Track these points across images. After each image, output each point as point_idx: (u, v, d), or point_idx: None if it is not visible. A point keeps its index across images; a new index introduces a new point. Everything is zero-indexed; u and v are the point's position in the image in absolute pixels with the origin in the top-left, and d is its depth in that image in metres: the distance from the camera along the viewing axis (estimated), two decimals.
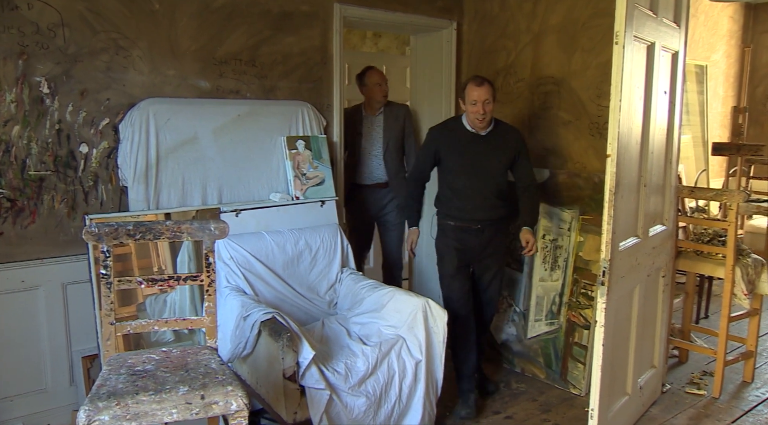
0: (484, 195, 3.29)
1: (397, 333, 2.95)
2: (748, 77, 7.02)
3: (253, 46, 3.45)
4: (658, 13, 2.93)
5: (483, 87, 3.15)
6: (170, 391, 1.82)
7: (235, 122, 3.37)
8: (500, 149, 3.28)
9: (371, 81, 4.02)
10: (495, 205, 3.31)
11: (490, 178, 3.29)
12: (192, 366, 2.02)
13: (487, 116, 3.19)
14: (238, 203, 3.33)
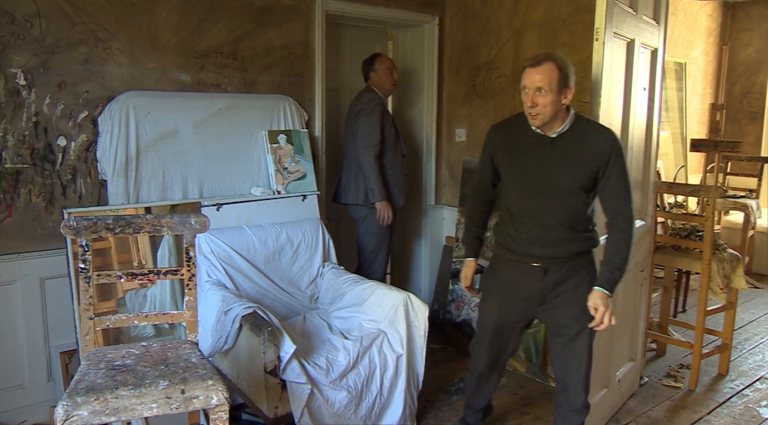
0: (545, 222, 2.43)
1: (378, 328, 2.95)
2: (726, 75, 7.11)
3: (235, 40, 3.43)
4: (638, 11, 2.97)
5: (537, 67, 2.31)
6: (150, 386, 1.81)
7: (216, 116, 3.35)
8: (574, 159, 2.36)
9: (383, 67, 3.85)
10: (564, 238, 2.44)
11: (555, 198, 2.40)
12: (172, 360, 2.01)
13: (541, 112, 2.31)
14: (219, 198, 3.31)
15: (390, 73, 3.85)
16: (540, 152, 2.41)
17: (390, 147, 3.82)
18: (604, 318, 2.38)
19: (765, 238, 5.96)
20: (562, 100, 2.32)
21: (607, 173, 2.35)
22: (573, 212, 2.42)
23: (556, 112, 2.33)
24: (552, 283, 2.49)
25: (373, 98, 3.76)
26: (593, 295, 2.39)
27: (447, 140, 4.56)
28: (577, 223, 2.44)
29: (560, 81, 2.29)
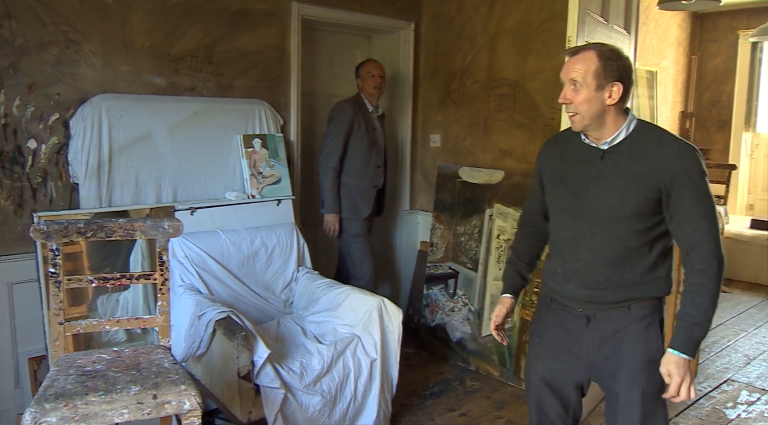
0: (584, 255, 1.96)
1: (352, 332, 2.96)
2: (695, 84, 7.26)
3: (210, 44, 3.42)
4: (609, 20, 3.02)
5: (574, 57, 1.88)
6: (121, 391, 1.79)
7: (191, 120, 3.33)
8: (627, 176, 1.86)
9: (364, 70, 3.84)
10: (607, 278, 1.93)
11: (599, 225, 1.92)
12: (144, 365, 2.00)
13: (577, 111, 1.87)
14: (193, 202, 3.29)
15: (370, 77, 3.81)
16: (588, 167, 1.93)
17: (360, 156, 3.78)
18: (681, 390, 1.83)
19: (733, 243, 6.09)
20: (606, 99, 1.84)
21: (675, 195, 1.82)
22: (621, 244, 1.89)
23: (598, 113, 1.86)
24: (598, 336, 1.96)
25: (343, 106, 3.75)
26: (666, 359, 1.85)
27: (422, 146, 4.59)
28: (627, 259, 1.90)
29: (600, 74, 1.82)
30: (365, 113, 3.81)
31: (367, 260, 3.88)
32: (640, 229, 1.88)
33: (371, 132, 3.82)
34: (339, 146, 3.69)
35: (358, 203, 3.81)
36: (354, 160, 3.77)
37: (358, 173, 3.78)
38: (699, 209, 1.82)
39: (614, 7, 3.08)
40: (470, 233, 3.98)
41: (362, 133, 3.76)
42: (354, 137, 3.73)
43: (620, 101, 1.86)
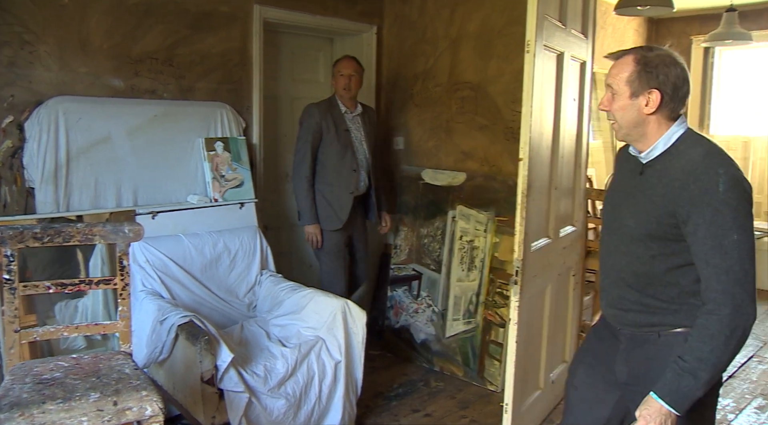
0: (610, 273, 1.89)
1: (316, 335, 2.96)
2: None
3: (171, 46, 3.38)
4: (567, 24, 3.08)
5: (615, 62, 1.78)
6: (80, 399, 1.77)
7: (152, 123, 3.29)
8: (649, 194, 1.74)
9: (335, 70, 3.70)
10: (629, 300, 1.82)
11: (621, 245, 1.83)
12: (104, 372, 1.97)
13: (615, 119, 1.79)
14: (154, 205, 3.25)
15: (339, 76, 3.65)
16: (629, 181, 1.83)
17: (332, 161, 3.62)
18: None
19: None
20: (643, 107, 1.72)
21: (691, 223, 1.63)
22: (641, 267, 1.78)
23: (634, 122, 1.74)
24: (628, 358, 1.85)
25: (310, 110, 3.62)
26: (644, 402, 1.67)
27: (385, 148, 4.60)
28: (649, 284, 1.77)
29: (634, 80, 1.71)
30: (336, 114, 3.65)
31: (337, 278, 3.70)
32: (657, 254, 1.73)
33: (343, 134, 3.64)
34: (307, 153, 3.57)
35: (330, 213, 3.63)
36: (326, 166, 3.62)
37: (331, 179, 3.62)
38: (713, 242, 1.60)
39: (572, 12, 3.14)
40: (433, 234, 4.01)
41: (332, 136, 3.60)
42: (324, 142, 3.60)
43: (661, 110, 1.72)
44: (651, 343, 1.80)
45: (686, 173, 1.64)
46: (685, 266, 1.70)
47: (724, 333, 1.58)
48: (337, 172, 3.62)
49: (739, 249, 1.59)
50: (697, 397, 1.62)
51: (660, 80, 1.70)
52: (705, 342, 1.60)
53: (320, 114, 3.60)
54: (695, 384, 1.60)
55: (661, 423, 1.63)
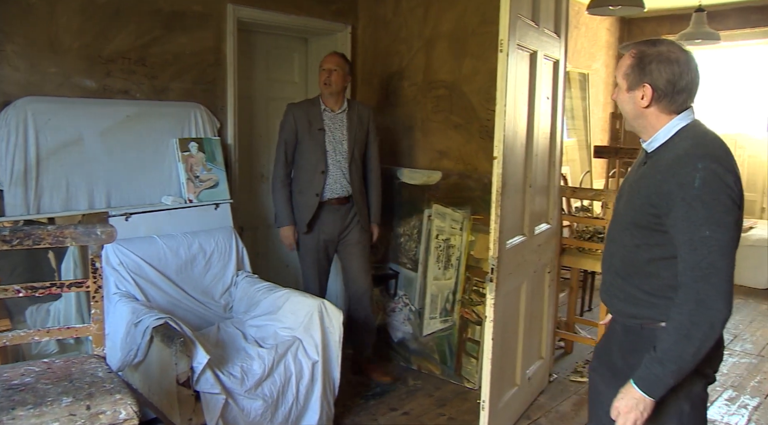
0: (607, 261, 1.95)
1: (293, 335, 2.95)
2: None
3: (143, 46, 3.35)
4: (540, 24, 3.11)
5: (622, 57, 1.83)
6: (52, 404, 1.74)
7: (124, 124, 3.25)
8: (641, 184, 1.79)
9: (320, 65, 3.59)
10: (616, 286, 1.88)
11: (614, 231, 1.91)
12: (77, 376, 1.94)
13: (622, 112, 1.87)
14: (128, 207, 3.21)
15: (320, 71, 3.56)
16: (636, 171, 1.87)
17: (303, 163, 3.53)
18: (618, 422, 1.71)
19: None
20: (638, 99, 1.77)
21: (671, 216, 1.66)
22: (626, 256, 1.83)
23: (634, 115, 1.81)
24: (618, 347, 1.91)
25: (288, 108, 3.58)
26: (621, 391, 1.73)
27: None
28: (634, 274, 1.81)
29: (629, 74, 1.77)
30: (314, 113, 3.54)
31: (310, 282, 3.64)
32: (641, 243, 1.77)
33: (316, 134, 3.50)
34: (281, 154, 3.54)
35: (299, 216, 3.56)
36: (299, 167, 3.57)
37: (301, 181, 3.55)
38: (685, 237, 1.62)
39: (544, 12, 3.17)
40: (409, 233, 4.02)
41: (307, 137, 3.51)
42: (299, 143, 3.53)
43: (656, 104, 1.75)
44: (636, 334, 1.83)
45: (669, 166, 1.68)
46: (667, 259, 1.72)
47: (685, 326, 1.62)
48: (306, 174, 3.53)
49: (709, 245, 1.59)
50: (670, 385, 1.67)
51: (653, 76, 1.73)
52: (671, 333, 1.65)
53: (297, 114, 3.53)
54: (663, 372, 1.65)
55: (634, 406, 1.68)
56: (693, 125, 1.77)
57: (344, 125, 3.58)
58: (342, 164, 3.55)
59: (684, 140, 1.72)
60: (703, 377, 1.80)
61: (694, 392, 1.78)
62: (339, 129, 3.57)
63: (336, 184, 3.55)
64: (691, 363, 1.65)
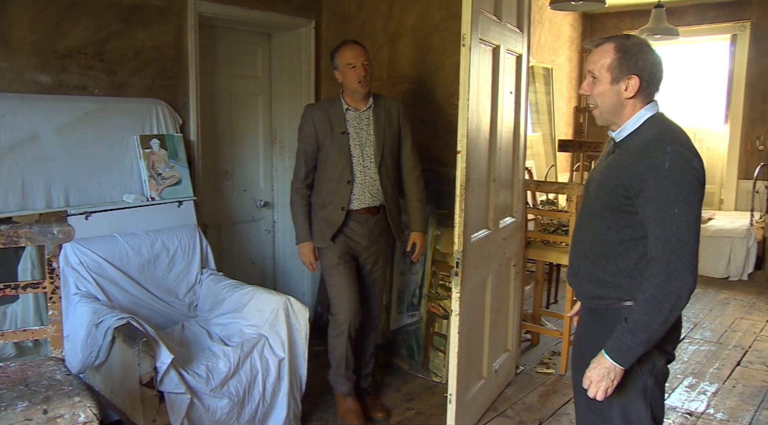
0: (576, 245, 2.04)
1: (259, 332, 2.92)
2: None
3: (101, 40, 3.27)
4: (502, 19, 3.13)
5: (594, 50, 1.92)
6: (6, 409, 1.69)
7: (82, 120, 3.18)
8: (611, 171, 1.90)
9: (342, 61, 3.09)
10: (583, 269, 1.99)
11: (587, 216, 1.99)
12: (33, 379, 1.89)
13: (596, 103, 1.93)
14: (87, 206, 3.14)
15: (351, 68, 3.06)
16: (605, 160, 1.98)
17: (327, 172, 3.13)
18: (590, 390, 1.83)
19: None
20: (623, 91, 1.85)
21: (641, 197, 1.77)
22: (597, 238, 1.92)
23: (614, 107, 1.88)
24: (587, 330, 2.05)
25: (305, 111, 3.19)
26: (593, 361, 1.85)
27: None
28: (602, 256, 1.90)
29: (614, 67, 1.84)
30: (335, 115, 3.12)
31: (341, 297, 3.17)
32: (612, 225, 1.87)
33: (339, 139, 3.08)
34: (301, 163, 3.17)
35: (319, 229, 3.17)
36: (321, 177, 3.16)
37: (324, 193, 3.14)
38: (656, 215, 1.73)
39: (507, 7, 3.19)
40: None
41: (328, 142, 3.10)
42: (322, 150, 3.13)
43: (639, 95, 1.86)
44: (600, 315, 1.95)
45: (639, 150, 1.79)
46: (636, 239, 1.83)
47: (657, 297, 1.73)
48: (330, 184, 3.11)
49: (678, 222, 1.71)
50: (639, 353, 1.79)
51: (639, 67, 1.83)
52: (641, 305, 1.76)
53: (316, 116, 3.12)
54: (634, 341, 1.76)
55: (605, 375, 1.81)
56: (659, 115, 1.89)
57: (371, 125, 3.15)
58: (371, 169, 3.12)
59: (651, 128, 1.84)
60: (665, 354, 1.92)
61: (657, 367, 1.91)
62: (365, 129, 3.15)
63: (365, 193, 3.13)
64: (660, 332, 1.77)
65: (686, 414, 3.40)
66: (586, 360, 1.91)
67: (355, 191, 3.10)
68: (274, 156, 4.55)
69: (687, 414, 3.40)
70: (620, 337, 1.78)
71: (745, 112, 6.98)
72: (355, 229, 3.16)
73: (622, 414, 1.91)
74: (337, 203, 3.09)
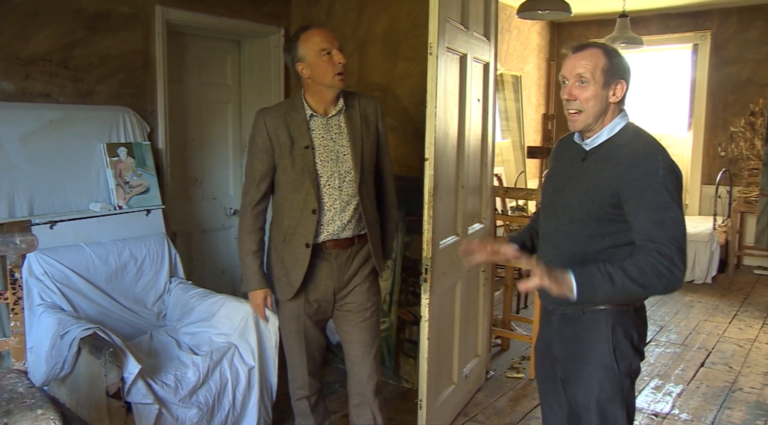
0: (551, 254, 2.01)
1: (228, 341, 2.91)
2: (555, 88, 7.76)
3: (66, 47, 3.24)
4: (469, 27, 3.17)
5: (580, 53, 1.88)
6: None
7: (47, 128, 3.14)
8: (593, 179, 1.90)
9: (311, 48, 2.41)
10: None
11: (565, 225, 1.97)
12: None
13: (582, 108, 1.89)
14: (52, 215, 3.10)
15: (326, 55, 2.40)
16: (572, 167, 1.97)
17: (285, 195, 2.45)
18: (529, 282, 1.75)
19: None
20: (610, 96, 1.88)
21: (632, 203, 1.81)
22: (577, 246, 1.92)
23: (601, 111, 1.88)
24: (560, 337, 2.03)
25: (258, 118, 2.47)
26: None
27: None
28: (580, 262, 1.86)
29: (608, 70, 1.85)
30: (296, 122, 2.44)
31: (297, 360, 2.61)
32: (596, 233, 1.88)
33: (301, 155, 2.41)
34: (251, 186, 2.48)
35: (281, 273, 2.50)
36: (278, 205, 2.50)
37: (281, 225, 2.48)
38: (656, 218, 1.77)
39: (473, 16, 3.24)
40: None
41: (287, 158, 2.42)
42: (280, 168, 2.45)
43: (621, 101, 1.91)
44: (577, 320, 1.95)
45: (630, 160, 1.82)
46: (618, 247, 1.86)
47: (652, 271, 1.72)
48: (290, 214, 2.45)
49: (677, 223, 1.78)
50: (594, 298, 1.79)
51: (624, 71, 1.90)
52: (637, 267, 1.74)
53: (272, 124, 2.44)
54: (602, 284, 1.74)
55: (556, 281, 1.73)
56: (633, 125, 1.93)
57: (344, 133, 2.49)
58: (344, 191, 2.46)
59: (636, 138, 1.88)
60: (641, 354, 1.97)
61: (633, 368, 1.95)
62: (335, 140, 2.47)
63: (335, 223, 2.46)
64: (626, 297, 1.83)
65: (652, 415, 3.46)
66: (555, 366, 1.95)
67: (323, 221, 2.44)
68: (244, 164, 4.54)
69: (653, 415, 3.47)
70: (596, 272, 1.75)
71: (707, 119, 7.16)
72: (321, 270, 2.48)
73: (599, 416, 1.93)
74: (300, 238, 2.42)
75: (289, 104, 2.52)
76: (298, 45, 2.44)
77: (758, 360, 4.24)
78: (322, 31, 2.46)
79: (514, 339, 4.41)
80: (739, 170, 6.97)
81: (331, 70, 2.40)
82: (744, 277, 6.56)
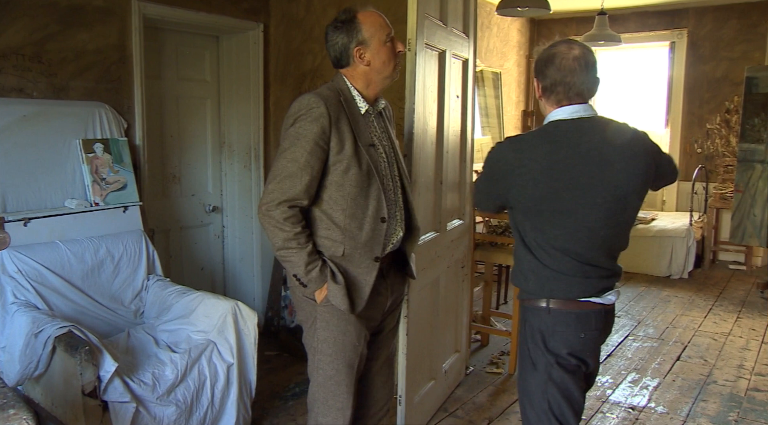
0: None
1: (207, 338, 2.89)
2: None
3: (39, 41, 3.18)
4: (448, 24, 3.18)
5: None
6: None
7: (20, 124, 3.09)
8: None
9: (378, 33, 2.10)
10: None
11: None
12: None
13: None
14: (26, 212, 3.05)
15: (388, 44, 2.12)
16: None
17: (348, 206, 2.04)
18: None
19: None
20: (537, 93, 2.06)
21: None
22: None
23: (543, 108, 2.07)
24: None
25: (311, 102, 2.01)
26: None
27: (275, 148, 4.56)
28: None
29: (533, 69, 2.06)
30: (355, 114, 2.10)
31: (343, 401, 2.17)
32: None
33: (366, 155, 2.07)
34: (299, 181, 2.00)
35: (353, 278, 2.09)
36: (330, 211, 2.06)
37: (347, 239, 2.06)
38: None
39: (452, 12, 3.24)
40: None
41: (349, 156, 2.03)
42: (339, 166, 2.03)
43: (544, 97, 2.01)
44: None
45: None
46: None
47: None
48: (356, 224, 2.06)
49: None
50: None
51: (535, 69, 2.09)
52: None
53: (335, 114, 2.03)
54: None
55: None
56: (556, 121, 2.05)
57: (386, 131, 2.25)
58: (399, 196, 2.21)
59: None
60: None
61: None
62: (382, 139, 2.20)
63: (397, 233, 2.20)
64: None
65: (629, 409, 3.50)
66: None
67: (389, 232, 2.13)
68: (223, 160, 4.51)
69: (630, 408, 3.51)
70: None
71: (684, 116, 7.25)
72: (380, 286, 2.16)
73: None
74: (368, 250, 2.07)
75: (338, 92, 2.10)
76: (362, 27, 2.09)
77: (732, 353, 4.31)
78: (381, 15, 2.15)
79: (493, 335, 4.44)
80: (714, 167, 7.07)
81: (393, 60, 2.14)
82: (719, 272, 6.66)
